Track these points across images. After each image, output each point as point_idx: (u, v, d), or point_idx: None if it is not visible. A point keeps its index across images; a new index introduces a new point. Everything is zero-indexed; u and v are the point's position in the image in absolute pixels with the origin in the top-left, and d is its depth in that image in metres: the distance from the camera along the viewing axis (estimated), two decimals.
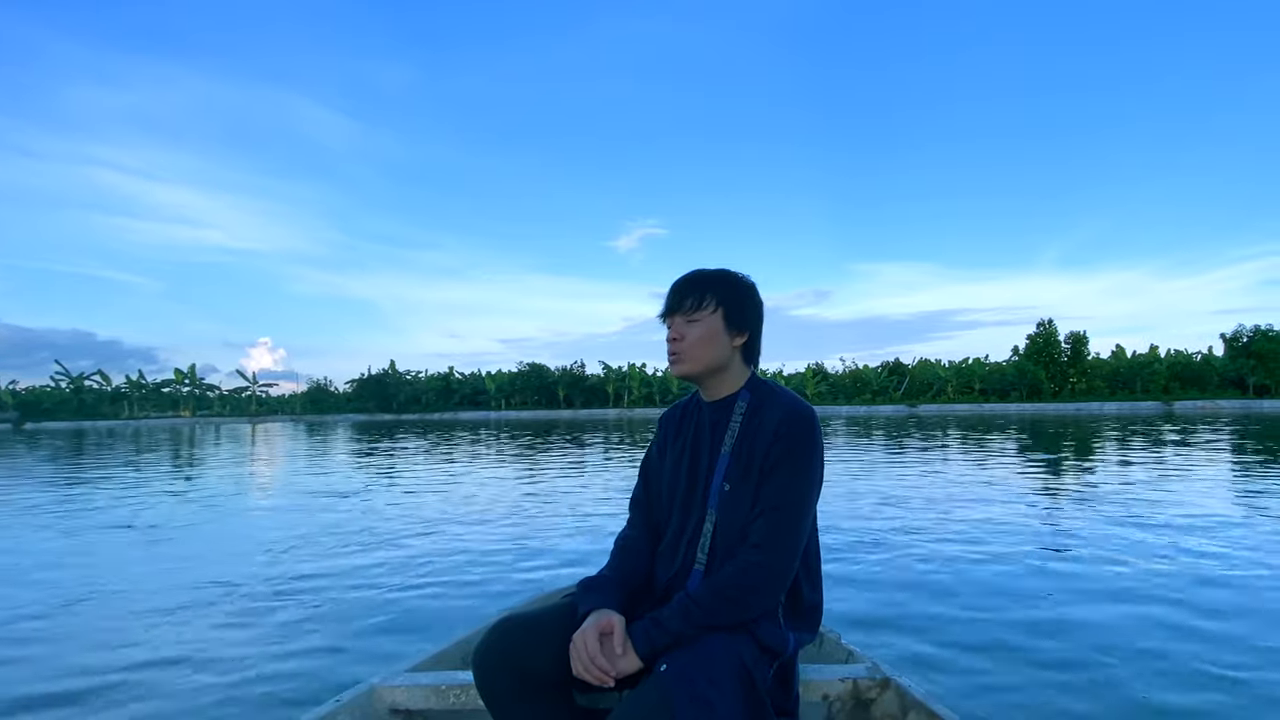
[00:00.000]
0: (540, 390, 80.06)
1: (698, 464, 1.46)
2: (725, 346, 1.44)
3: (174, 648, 2.95)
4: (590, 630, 1.24)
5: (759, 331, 1.51)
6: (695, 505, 1.43)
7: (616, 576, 1.42)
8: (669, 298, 1.48)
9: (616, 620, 1.27)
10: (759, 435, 1.38)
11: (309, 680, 2.55)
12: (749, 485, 1.37)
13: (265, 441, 23.81)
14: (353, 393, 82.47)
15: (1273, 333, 60.75)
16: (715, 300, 1.44)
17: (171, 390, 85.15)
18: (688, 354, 1.44)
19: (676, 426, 1.56)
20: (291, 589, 3.89)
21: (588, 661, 1.21)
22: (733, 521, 1.37)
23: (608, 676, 1.20)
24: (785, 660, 1.34)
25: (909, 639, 2.90)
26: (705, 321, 1.43)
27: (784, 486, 1.34)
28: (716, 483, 1.40)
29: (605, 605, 1.31)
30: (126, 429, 49.28)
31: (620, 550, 1.50)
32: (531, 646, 1.30)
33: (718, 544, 1.37)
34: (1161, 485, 7.67)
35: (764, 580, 1.29)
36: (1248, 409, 44.22)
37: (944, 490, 7.65)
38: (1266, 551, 4.34)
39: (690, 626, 1.25)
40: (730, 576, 1.29)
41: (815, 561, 1.45)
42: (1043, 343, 66.24)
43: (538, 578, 4.04)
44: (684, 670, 1.15)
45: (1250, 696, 2.33)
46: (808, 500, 1.36)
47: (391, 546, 5.04)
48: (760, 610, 1.31)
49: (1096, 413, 44.10)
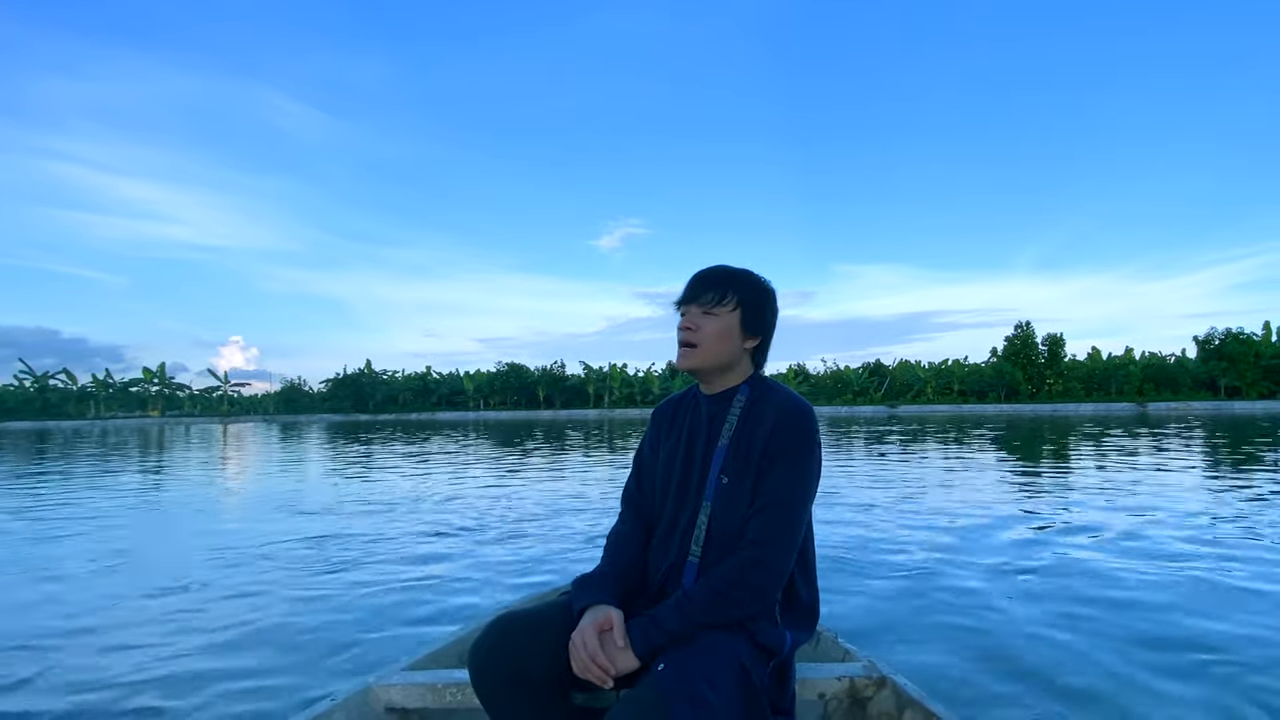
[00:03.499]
0: (520, 391, 79.48)
1: (693, 456, 1.45)
2: (738, 346, 1.44)
3: (171, 650, 2.86)
4: (589, 628, 1.24)
5: (771, 337, 1.51)
6: (690, 497, 1.42)
7: (611, 571, 1.41)
8: (689, 287, 1.46)
9: (615, 615, 1.27)
10: (757, 429, 1.38)
11: (298, 683, 2.48)
12: (746, 479, 1.36)
13: (237, 442, 23.31)
14: (328, 393, 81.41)
15: (1243, 335, 62.04)
16: (736, 299, 1.43)
17: (140, 390, 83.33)
18: (701, 346, 1.42)
19: (670, 420, 1.55)
20: (259, 595, 3.71)
21: (588, 660, 1.20)
22: (728, 514, 1.36)
23: (608, 676, 1.20)
24: (782, 659, 1.33)
25: (898, 638, 2.90)
26: (723, 318, 1.42)
27: (780, 482, 1.33)
28: (713, 475, 1.39)
29: (601, 601, 1.30)
30: (93, 429, 48.06)
31: (613, 545, 1.49)
32: (529, 645, 1.29)
33: (713, 536, 1.37)
34: (1143, 483, 7.65)
35: (760, 577, 1.29)
36: (1219, 410, 44.94)
37: (924, 488, 7.51)
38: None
39: (687, 625, 1.24)
40: (726, 574, 1.28)
41: (811, 560, 1.44)
42: (1020, 344, 67.08)
43: (511, 582, 3.85)
44: (681, 669, 1.15)
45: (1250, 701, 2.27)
46: (804, 496, 1.35)
47: (371, 551, 4.83)
48: (757, 607, 1.30)
49: (1073, 414, 44.54)
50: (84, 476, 11.03)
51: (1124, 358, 69.49)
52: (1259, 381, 59.27)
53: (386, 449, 16.91)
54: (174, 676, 2.57)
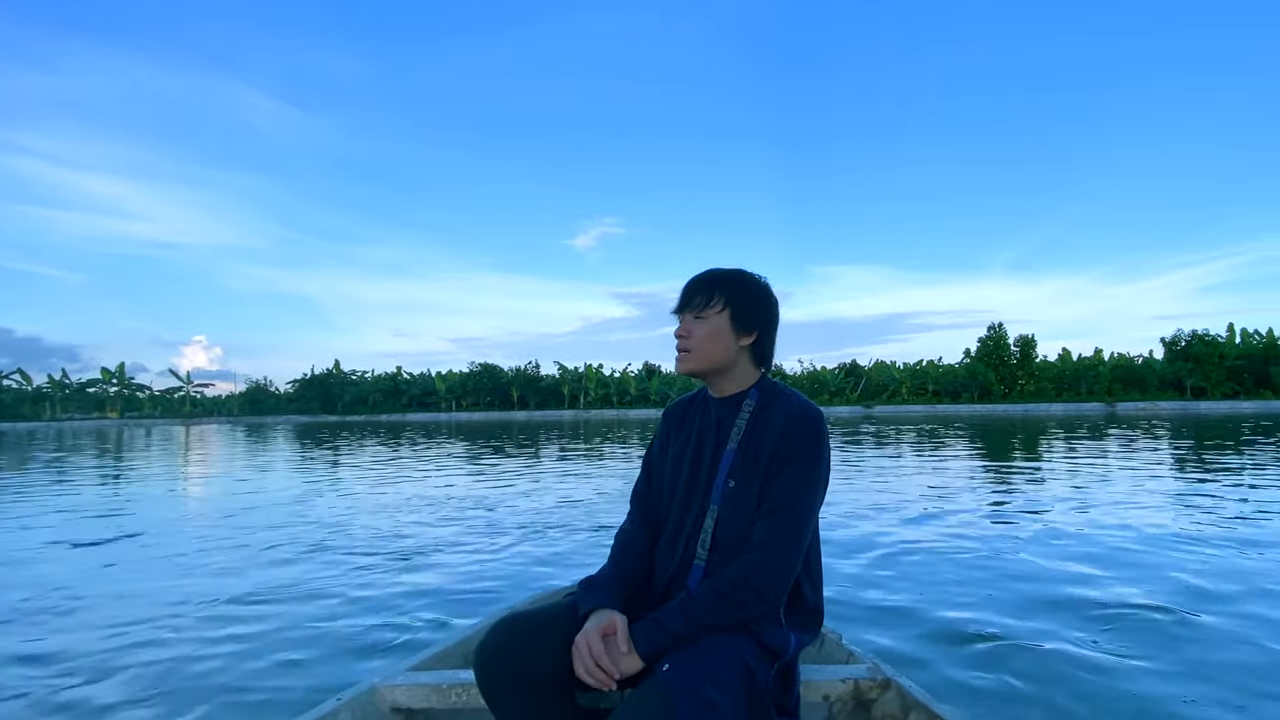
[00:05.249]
0: (493, 391, 78.38)
1: (701, 459, 1.46)
2: (731, 346, 1.44)
3: (167, 652, 2.77)
4: (593, 632, 1.23)
5: (770, 332, 1.49)
6: (697, 500, 1.43)
7: (617, 574, 1.41)
8: (681, 295, 1.49)
9: (619, 620, 1.26)
10: (766, 433, 1.38)
11: (303, 683, 2.43)
12: (754, 483, 1.36)
13: (201, 443, 22.40)
14: (295, 393, 79.66)
15: (1208, 337, 63.21)
16: (724, 299, 1.44)
17: (98, 390, 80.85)
18: (693, 351, 1.44)
19: (680, 421, 1.55)
20: (246, 602, 3.50)
21: (591, 664, 1.20)
22: (735, 518, 1.36)
23: (611, 680, 1.20)
24: (787, 661, 1.33)
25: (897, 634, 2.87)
26: (712, 320, 1.44)
27: (789, 486, 1.33)
28: (720, 478, 1.40)
29: (606, 604, 1.31)
30: (49, 431, 46.32)
31: (620, 547, 1.49)
32: (533, 646, 1.29)
33: (719, 540, 1.37)
34: (1125, 480, 7.54)
35: (766, 580, 1.28)
36: (1185, 410, 45.79)
37: (903, 486, 7.27)
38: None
39: (692, 626, 1.24)
40: (732, 576, 1.28)
41: (817, 563, 1.44)
42: (993, 345, 67.79)
43: (491, 588, 3.63)
44: (686, 670, 1.15)
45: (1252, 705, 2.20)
46: (812, 501, 1.35)
47: (351, 552, 4.59)
48: (762, 610, 1.29)
49: (1043, 413, 45.02)
50: (36, 482, 10.19)
51: (1094, 359, 70.57)
52: (1223, 382, 60.41)
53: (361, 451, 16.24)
54: (165, 681, 2.48)
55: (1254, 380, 59.80)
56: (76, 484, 9.73)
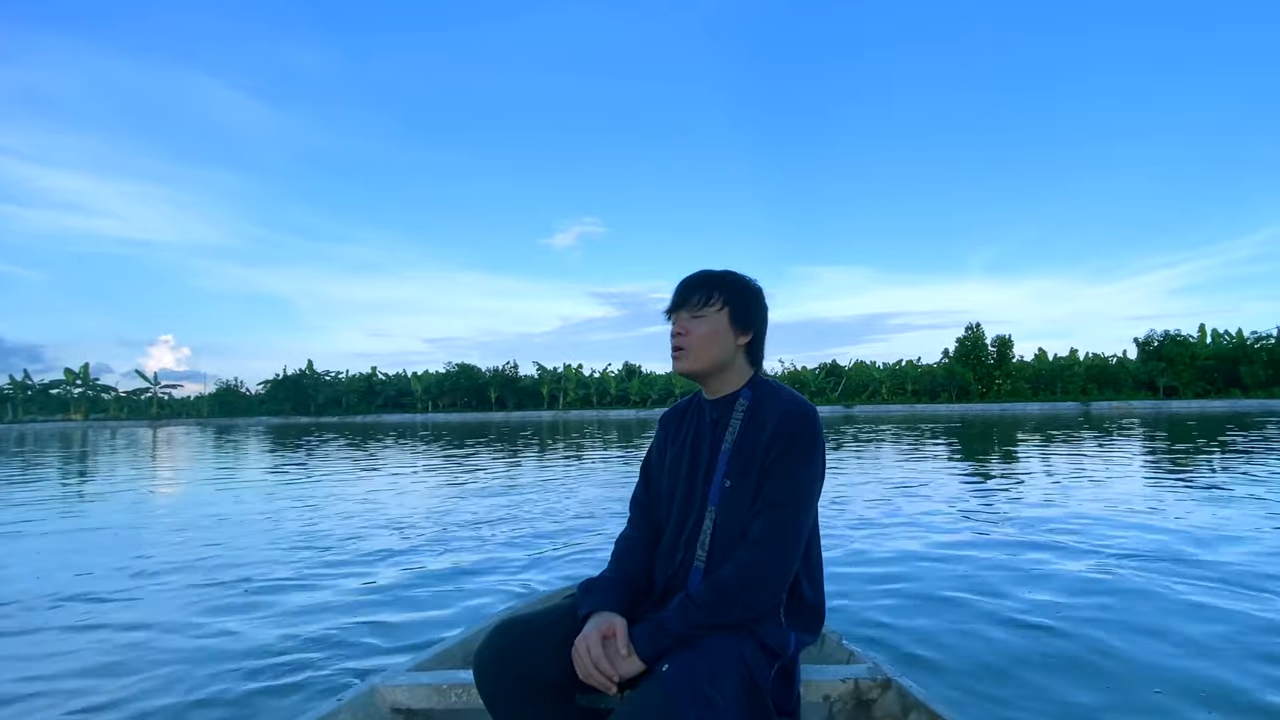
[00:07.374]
0: (470, 392, 77.34)
1: (698, 461, 1.46)
2: (730, 345, 1.44)
3: (166, 651, 2.81)
4: (593, 634, 1.24)
5: (763, 333, 1.50)
6: (695, 502, 1.43)
7: (617, 577, 1.41)
8: (675, 294, 1.48)
9: (619, 623, 1.27)
10: (760, 432, 1.38)
11: (305, 680, 2.44)
12: (750, 482, 1.36)
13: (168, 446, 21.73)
14: (266, 394, 77.89)
15: (1180, 338, 64.19)
16: (722, 298, 1.44)
17: (61, 392, 78.42)
18: (692, 350, 1.44)
19: (677, 425, 1.56)
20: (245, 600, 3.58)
21: (591, 667, 1.21)
22: (733, 518, 1.36)
23: (611, 682, 1.20)
24: (787, 660, 1.33)
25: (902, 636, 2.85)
26: (711, 319, 1.44)
27: (784, 484, 1.32)
28: (717, 479, 1.40)
29: (606, 607, 1.31)
30: (10, 433, 44.74)
31: (621, 551, 1.50)
32: (533, 647, 1.29)
33: (718, 541, 1.36)
34: (1113, 477, 7.70)
35: (764, 578, 1.27)
36: (1158, 409, 46.34)
37: (887, 484, 7.26)
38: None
39: (691, 627, 1.24)
40: (730, 575, 1.28)
41: (817, 562, 1.43)
42: (971, 346, 68.22)
43: (481, 594, 3.59)
44: (686, 670, 1.16)
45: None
46: (808, 498, 1.34)
47: (337, 555, 4.57)
48: (762, 609, 1.29)
49: (1020, 413, 45.28)
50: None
51: (1069, 359, 71.29)
52: (1195, 381, 61.31)
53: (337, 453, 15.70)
54: (166, 679, 2.50)
55: (1224, 379, 60.81)
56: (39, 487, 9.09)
